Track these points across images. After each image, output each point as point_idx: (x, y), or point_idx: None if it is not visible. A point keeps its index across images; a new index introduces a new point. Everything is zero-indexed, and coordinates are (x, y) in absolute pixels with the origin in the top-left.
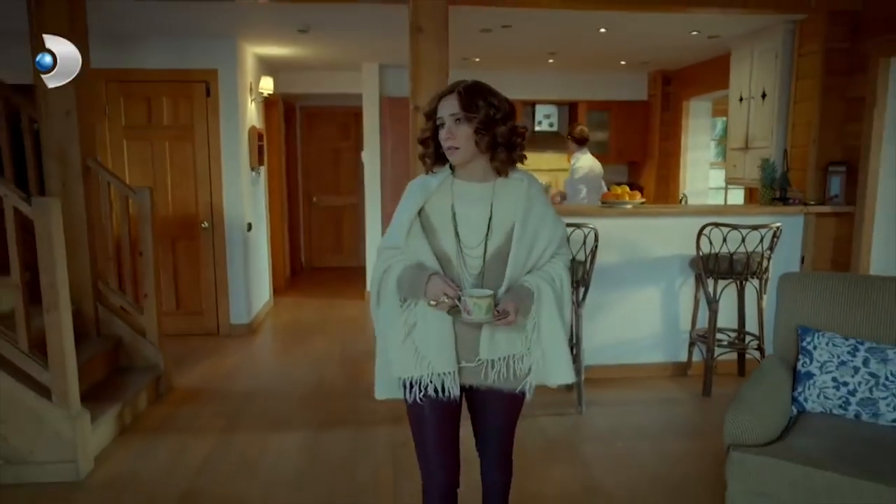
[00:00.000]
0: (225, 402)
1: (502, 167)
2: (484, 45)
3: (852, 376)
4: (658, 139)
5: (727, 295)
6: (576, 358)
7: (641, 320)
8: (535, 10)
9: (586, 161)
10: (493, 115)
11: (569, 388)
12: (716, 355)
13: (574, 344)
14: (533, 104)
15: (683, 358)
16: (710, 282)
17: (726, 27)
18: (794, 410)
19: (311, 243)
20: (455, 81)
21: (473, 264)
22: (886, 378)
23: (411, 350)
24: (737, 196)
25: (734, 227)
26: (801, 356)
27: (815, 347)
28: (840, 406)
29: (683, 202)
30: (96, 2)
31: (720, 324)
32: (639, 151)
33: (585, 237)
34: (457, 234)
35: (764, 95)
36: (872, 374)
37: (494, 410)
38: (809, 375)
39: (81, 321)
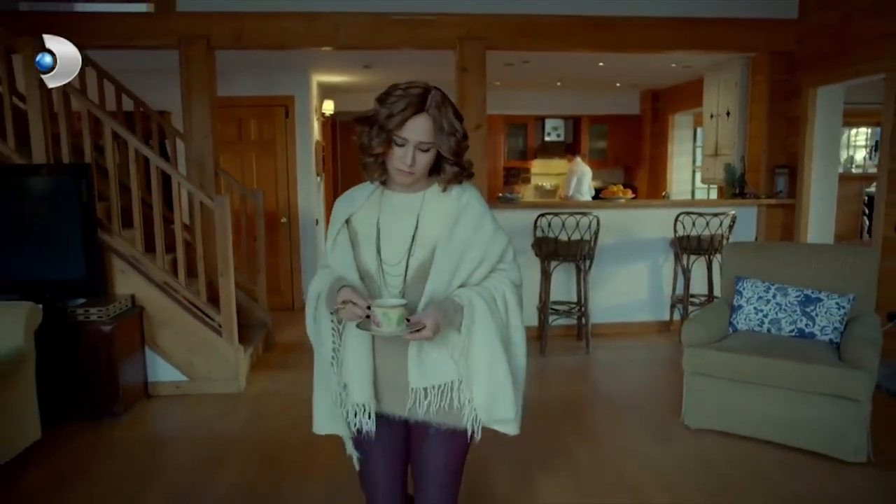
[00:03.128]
0: None
1: (452, 180)
2: (506, 73)
3: (766, 305)
4: (649, 147)
5: (698, 267)
6: (584, 317)
7: (633, 288)
8: (549, 52)
9: (581, 166)
10: (461, 141)
11: (577, 332)
12: (689, 313)
13: (583, 305)
14: (543, 118)
15: (666, 317)
16: (685, 257)
17: (697, 60)
18: (731, 330)
19: None
20: (419, 89)
21: (394, 282)
22: (786, 306)
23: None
24: (713, 193)
25: (700, 214)
26: (735, 295)
27: (744, 289)
28: (758, 325)
29: (666, 197)
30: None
31: (693, 290)
32: (632, 157)
33: (590, 223)
34: (378, 248)
35: (728, 113)
36: (778, 304)
37: (432, 448)
38: (740, 307)
39: (215, 289)
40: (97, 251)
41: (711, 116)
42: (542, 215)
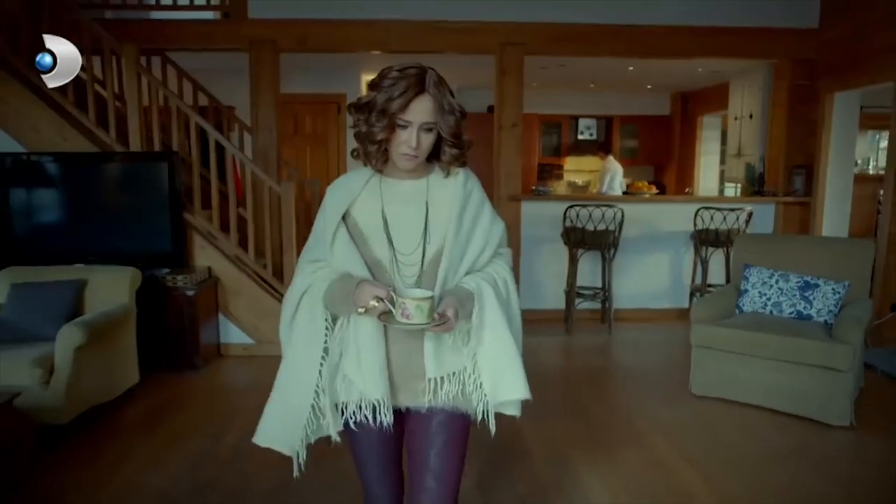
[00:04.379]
0: None
1: (452, 161)
2: (542, 75)
3: (769, 290)
4: (678, 146)
5: (716, 258)
6: (607, 302)
7: (655, 276)
8: (582, 57)
9: (613, 164)
10: (460, 120)
11: (601, 316)
12: None
13: (607, 290)
14: (577, 118)
15: (685, 305)
16: (703, 249)
17: (723, 66)
18: (737, 311)
19: None
20: (415, 69)
21: (409, 272)
22: (787, 291)
23: (338, 376)
24: (738, 192)
25: (718, 209)
26: (742, 281)
27: (750, 275)
28: (761, 307)
29: (689, 194)
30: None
31: (711, 279)
32: (662, 156)
33: (615, 215)
34: (390, 240)
35: (751, 116)
36: (780, 289)
37: (439, 436)
38: (746, 291)
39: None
40: (182, 228)
41: (735, 119)
42: (571, 207)
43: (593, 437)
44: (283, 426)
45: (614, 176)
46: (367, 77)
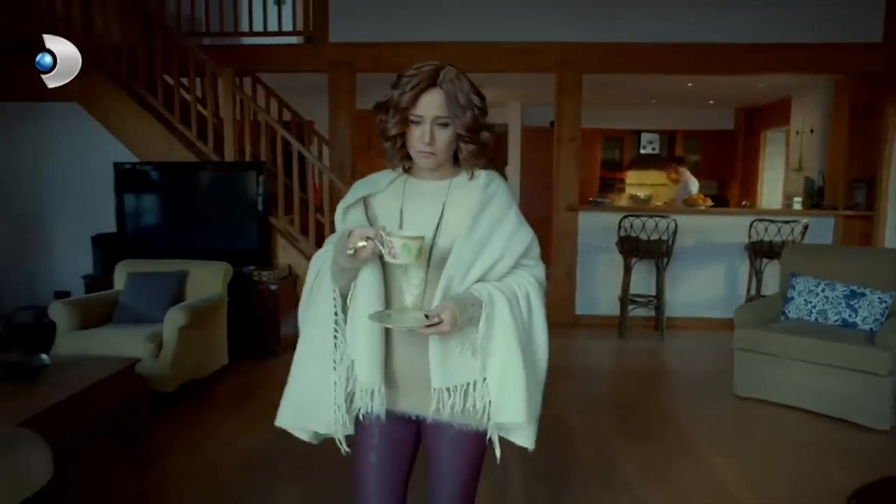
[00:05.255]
0: None
1: (469, 159)
2: (602, 92)
3: (815, 298)
4: (741, 161)
5: (771, 270)
6: (659, 309)
7: (709, 286)
8: (639, 75)
9: (687, 175)
10: (479, 117)
11: (654, 323)
12: None
13: (659, 298)
14: (639, 132)
15: None
16: (757, 260)
17: (785, 81)
18: (783, 318)
19: None
20: (432, 66)
21: (415, 273)
22: (833, 299)
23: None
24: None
25: (773, 221)
26: (789, 289)
27: (797, 284)
28: (807, 314)
29: (746, 206)
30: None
31: (766, 290)
32: (725, 171)
33: (668, 225)
34: None
35: (812, 131)
36: (826, 297)
37: (448, 451)
38: (792, 299)
39: None
40: (267, 230)
41: (797, 133)
42: (626, 217)
43: (635, 429)
44: (303, 407)
45: (690, 187)
46: None
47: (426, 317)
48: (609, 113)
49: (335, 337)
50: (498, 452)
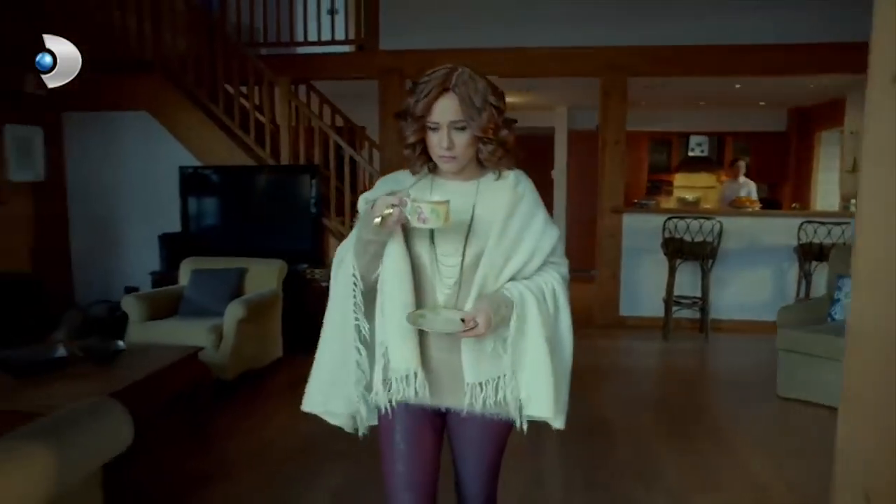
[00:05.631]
0: None
1: (490, 159)
2: (648, 94)
3: None
4: (794, 163)
5: (822, 272)
6: (704, 311)
7: (757, 288)
8: (685, 77)
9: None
10: (496, 117)
11: (699, 325)
12: None
13: (704, 300)
14: (687, 135)
15: None
16: (807, 263)
17: (838, 80)
18: (829, 319)
19: None
20: (444, 70)
21: (449, 273)
22: None
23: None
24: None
25: (822, 223)
26: (836, 291)
27: (843, 285)
28: None
29: (796, 208)
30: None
31: (816, 292)
32: (777, 173)
33: (713, 227)
34: (432, 239)
35: None
36: None
37: (477, 440)
38: (838, 300)
39: None
40: (319, 230)
41: (851, 133)
42: (670, 218)
43: (676, 428)
44: (327, 388)
45: (749, 190)
46: None
47: (462, 320)
48: (656, 115)
49: (356, 318)
50: (525, 428)
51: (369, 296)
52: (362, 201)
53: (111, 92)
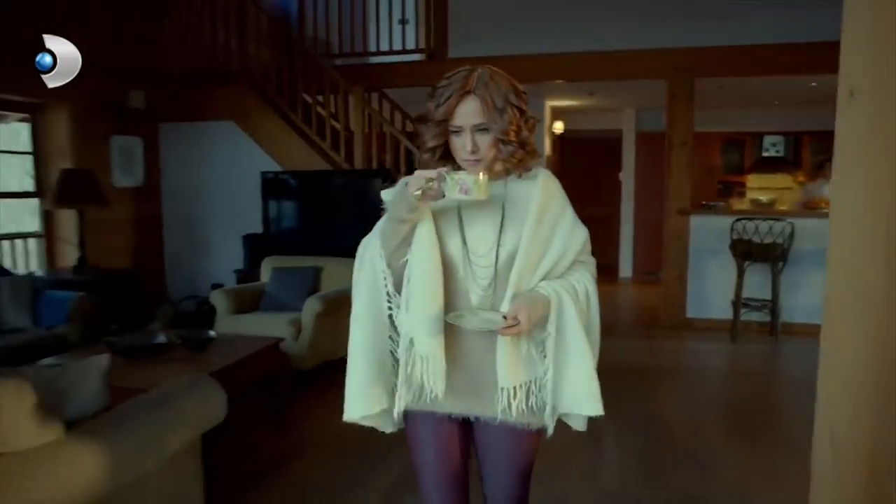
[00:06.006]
0: None
1: (510, 160)
2: (718, 95)
3: None
4: None
5: None
6: (774, 314)
7: None
8: (754, 77)
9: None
10: (518, 118)
11: (769, 328)
12: None
13: (774, 302)
14: (761, 135)
15: None
16: None
17: None
18: None
19: None
20: (464, 72)
21: (483, 274)
22: None
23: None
24: None
25: None
26: None
27: None
28: None
29: None
30: None
31: None
32: None
33: (783, 228)
34: (464, 240)
35: None
36: None
37: (507, 450)
38: None
39: None
40: None
41: None
42: (738, 220)
43: (738, 426)
44: (368, 392)
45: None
46: (552, 103)
47: (504, 318)
48: (728, 115)
49: (388, 308)
50: (550, 431)
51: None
52: (387, 195)
53: (201, 103)
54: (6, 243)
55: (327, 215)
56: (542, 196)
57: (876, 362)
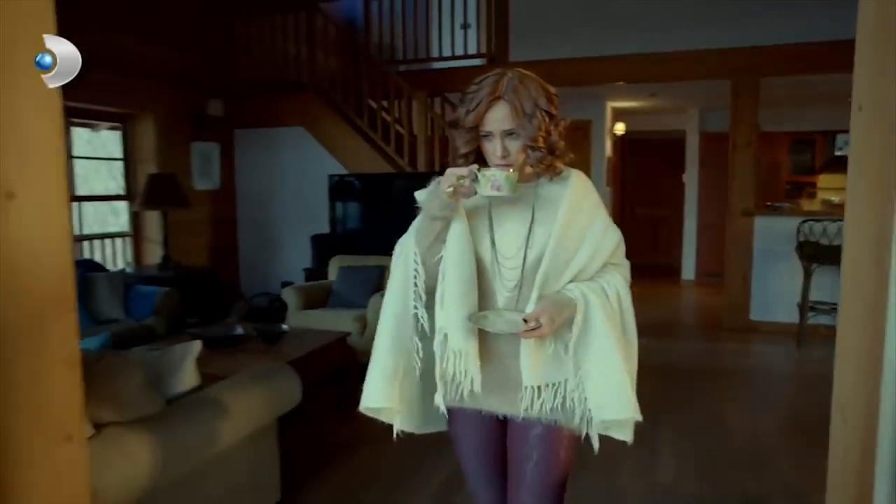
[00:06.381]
0: None
1: (538, 166)
2: (786, 94)
3: None
4: None
5: None
6: (804, 316)
7: None
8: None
9: None
10: (547, 123)
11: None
12: None
13: (801, 304)
14: (833, 133)
15: None
16: None
17: None
18: None
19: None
20: (493, 77)
21: (509, 276)
22: None
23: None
24: None
25: None
26: None
27: None
28: None
29: None
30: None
31: None
32: None
33: (825, 228)
34: (493, 241)
35: None
36: None
37: (536, 448)
38: None
39: None
40: None
41: None
42: (805, 221)
43: (798, 428)
44: (388, 386)
45: None
46: (613, 104)
47: (524, 321)
48: (797, 114)
49: (415, 307)
50: (596, 445)
51: (428, 285)
52: (420, 195)
53: (273, 111)
54: (98, 242)
55: (391, 216)
56: (572, 198)
57: (874, 358)
